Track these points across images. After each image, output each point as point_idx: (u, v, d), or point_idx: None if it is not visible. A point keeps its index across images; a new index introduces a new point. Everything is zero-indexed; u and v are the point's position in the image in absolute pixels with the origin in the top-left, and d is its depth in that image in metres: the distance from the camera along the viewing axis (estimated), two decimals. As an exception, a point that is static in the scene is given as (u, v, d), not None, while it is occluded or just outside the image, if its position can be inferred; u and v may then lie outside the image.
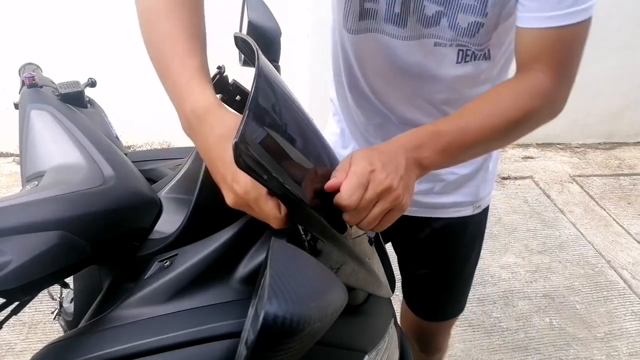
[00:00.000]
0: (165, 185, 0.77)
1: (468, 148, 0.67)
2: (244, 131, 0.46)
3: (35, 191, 0.58)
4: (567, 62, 0.70)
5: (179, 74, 0.58)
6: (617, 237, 2.45)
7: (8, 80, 1.47)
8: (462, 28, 0.75)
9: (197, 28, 0.63)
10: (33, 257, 0.50)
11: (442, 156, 0.64)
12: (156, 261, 0.62)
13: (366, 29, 0.81)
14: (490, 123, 0.67)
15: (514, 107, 0.68)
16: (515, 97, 0.69)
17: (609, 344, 1.87)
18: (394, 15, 0.77)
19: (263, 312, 0.37)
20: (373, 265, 0.70)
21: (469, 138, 0.65)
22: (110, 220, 0.60)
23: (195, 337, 0.54)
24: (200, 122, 0.56)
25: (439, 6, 0.74)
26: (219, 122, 0.55)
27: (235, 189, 0.53)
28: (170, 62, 0.60)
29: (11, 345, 1.69)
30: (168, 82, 0.60)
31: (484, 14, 0.73)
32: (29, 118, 0.75)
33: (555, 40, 0.68)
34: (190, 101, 0.56)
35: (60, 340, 0.58)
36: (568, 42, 0.69)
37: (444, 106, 0.88)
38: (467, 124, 0.66)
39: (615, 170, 3.06)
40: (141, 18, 0.64)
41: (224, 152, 0.53)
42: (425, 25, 0.77)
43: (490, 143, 0.69)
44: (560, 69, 0.70)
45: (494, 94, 0.70)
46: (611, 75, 3.05)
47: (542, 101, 0.69)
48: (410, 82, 0.85)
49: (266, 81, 0.54)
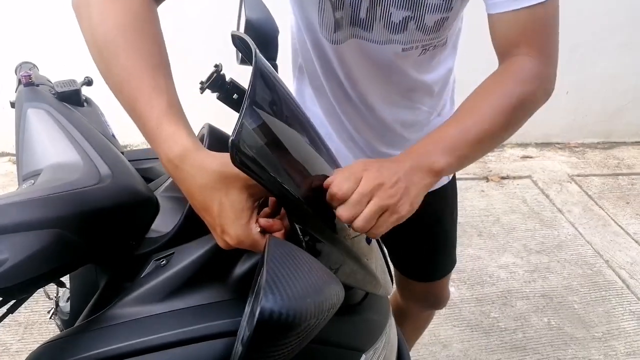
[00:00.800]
0: (161, 184, 0.77)
1: (475, 144, 0.66)
2: (241, 129, 0.46)
3: (32, 190, 0.58)
4: (546, 39, 0.70)
5: (148, 117, 0.55)
6: (615, 236, 2.46)
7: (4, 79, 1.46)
8: (429, 27, 0.77)
9: (159, 57, 0.59)
10: (29, 255, 0.50)
11: (452, 157, 0.63)
12: (152, 260, 0.62)
13: (345, 36, 0.81)
14: (489, 116, 0.67)
15: (508, 95, 0.68)
16: (506, 86, 0.69)
17: (606, 343, 1.87)
18: (360, 20, 0.78)
19: (259, 307, 0.37)
20: (371, 265, 0.70)
21: (472, 135, 0.65)
22: (106, 219, 0.60)
23: (192, 336, 0.54)
24: (180, 171, 0.53)
25: (406, 11, 0.75)
26: (198, 171, 0.52)
27: (227, 240, 0.53)
28: (136, 104, 0.56)
29: (7, 346, 1.69)
30: (137, 122, 0.56)
31: (450, 9, 0.75)
32: (25, 117, 0.75)
33: (530, 20, 0.68)
34: (164, 149, 0.54)
35: (56, 339, 0.57)
36: (542, 19, 0.69)
37: (409, 93, 0.91)
38: (467, 123, 0.66)
39: (614, 169, 3.07)
40: (97, 53, 0.60)
41: (209, 202, 0.52)
42: (393, 31, 0.78)
43: (496, 135, 0.69)
44: (542, 47, 0.70)
45: (485, 88, 0.71)
46: (609, 74, 3.05)
47: (534, 83, 0.69)
48: (386, 79, 0.88)
49: (263, 79, 0.54)
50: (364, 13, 0.76)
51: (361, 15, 0.77)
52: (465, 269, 2.19)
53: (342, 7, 0.77)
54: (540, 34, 0.70)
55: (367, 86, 0.90)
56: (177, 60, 2.39)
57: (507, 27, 0.70)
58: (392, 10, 0.75)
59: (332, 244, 0.60)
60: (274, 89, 0.56)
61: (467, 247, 2.32)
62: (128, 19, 0.59)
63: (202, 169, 0.52)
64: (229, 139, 0.46)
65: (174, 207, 0.70)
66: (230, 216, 0.52)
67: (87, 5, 0.61)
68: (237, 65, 0.78)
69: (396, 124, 0.97)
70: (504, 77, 0.71)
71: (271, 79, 0.57)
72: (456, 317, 1.95)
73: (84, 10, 0.61)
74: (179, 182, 0.54)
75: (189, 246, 0.61)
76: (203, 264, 0.58)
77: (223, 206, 0.52)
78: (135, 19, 0.59)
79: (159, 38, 0.61)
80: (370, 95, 0.92)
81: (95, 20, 0.60)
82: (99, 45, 0.59)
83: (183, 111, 0.57)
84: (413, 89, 0.92)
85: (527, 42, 0.70)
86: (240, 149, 0.46)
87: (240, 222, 0.52)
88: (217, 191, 0.52)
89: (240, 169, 0.47)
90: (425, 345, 1.82)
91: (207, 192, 0.52)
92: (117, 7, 0.59)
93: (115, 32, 0.58)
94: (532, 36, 0.70)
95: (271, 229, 0.54)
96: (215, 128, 0.76)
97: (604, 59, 2.96)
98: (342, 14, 0.78)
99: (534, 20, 0.69)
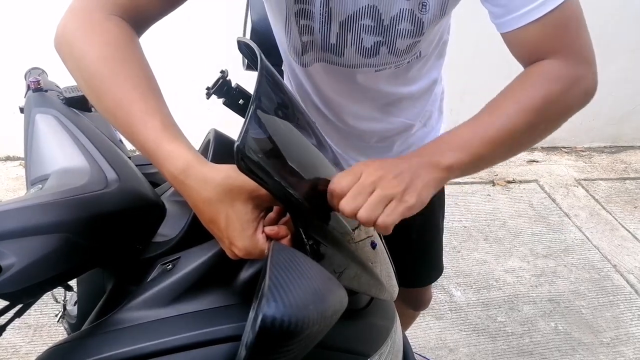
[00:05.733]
0: (168, 188, 0.77)
1: (492, 143, 0.63)
2: (246, 135, 0.47)
3: (39, 194, 0.59)
4: (571, 41, 0.66)
5: (146, 139, 0.55)
6: (623, 241, 2.44)
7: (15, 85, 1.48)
8: (401, 50, 0.76)
9: (146, 82, 0.60)
10: (36, 259, 0.50)
11: (463, 153, 0.61)
12: (159, 264, 0.63)
13: (311, 60, 0.81)
14: (509, 116, 0.64)
15: (532, 95, 0.64)
16: (530, 86, 0.65)
17: (615, 349, 1.86)
18: (330, 45, 0.77)
19: (261, 314, 0.37)
20: (376, 269, 0.70)
21: (489, 133, 0.63)
22: (113, 223, 0.60)
23: (197, 340, 0.54)
24: (184, 186, 0.54)
25: (377, 37, 0.74)
26: (203, 185, 0.52)
27: (235, 252, 0.54)
28: (132, 129, 0.56)
29: (16, 348, 1.70)
30: (137, 146, 0.57)
31: (421, 34, 0.73)
32: (33, 122, 0.76)
33: (547, 29, 0.64)
34: (167, 167, 0.54)
35: (63, 342, 0.58)
36: (562, 24, 0.64)
37: (386, 107, 0.91)
38: (484, 121, 0.64)
39: (621, 174, 3.05)
40: (85, 86, 0.60)
41: (216, 215, 0.53)
42: (365, 56, 0.77)
43: (517, 136, 0.65)
44: (568, 50, 0.66)
45: (509, 88, 0.67)
46: (617, 78, 3.03)
47: (562, 83, 0.65)
48: (360, 96, 0.87)
49: (269, 85, 0.54)
50: (334, 39, 0.76)
51: (331, 41, 0.76)
52: (471, 273, 2.18)
53: (311, 32, 0.76)
54: (561, 38, 0.65)
55: (341, 104, 0.90)
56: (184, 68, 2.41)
57: (525, 42, 0.67)
58: (364, 36, 0.74)
59: (337, 248, 0.60)
60: (279, 94, 0.57)
61: (473, 251, 2.31)
62: (109, 50, 0.59)
63: (206, 182, 0.52)
64: (234, 144, 0.46)
65: (180, 212, 0.70)
66: (237, 228, 0.52)
67: (68, 44, 0.62)
68: (243, 71, 0.79)
69: (373, 137, 0.96)
70: (528, 77, 0.67)
71: (276, 84, 0.57)
72: (462, 322, 1.94)
73: (66, 49, 0.62)
74: (185, 197, 0.55)
75: (195, 250, 0.62)
76: (209, 268, 0.59)
77: (229, 219, 0.52)
78: (116, 49, 0.60)
79: (143, 64, 0.61)
80: (344, 114, 0.91)
81: (77, 56, 0.60)
82: (85, 78, 0.60)
83: (179, 129, 0.57)
84: (390, 102, 0.90)
85: (550, 51, 0.66)
86: (245, 154, 0.46)
87: (247, 234, 0.52)
88: (223, 204, 0.52)
89: (245, 174, 0.48)
90: (432, 350, 1.81)
91: (212, 205, 0.52)
92: (96, 41, 0.60)
93: (98, 64, 0.59)
94: (555, 43, 0.65)
95: (277, 236, 0.55)
96: (221, 133, 0.76)
97: (612, 63, 2.94)
98: (310, 39, 0.77)
99: (553, 28, 0.64)
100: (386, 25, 0.72)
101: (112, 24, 0.62)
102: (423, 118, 0.99)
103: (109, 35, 0.60)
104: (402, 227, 1.03)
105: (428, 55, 0.84)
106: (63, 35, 0.62)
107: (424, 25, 0.72)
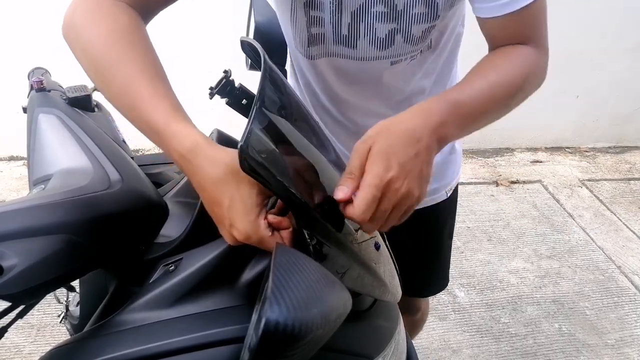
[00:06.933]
0: (171, 189, 0.77)
1: (479, 118, 0.65)
2: (250, 135, 0.46)
3: (42, 195, 0.58)
4: (537, 33, 0.71)
5: (155, 120, 0.55)
6: (627, 242, 2.43)
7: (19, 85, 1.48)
8: (417, 37, 0.75)
9: (154, 68, 0.60)
10: (38, 260, 0.50)
11: (461, 129, 0.62)
12: (161, 265, 0.62)
13: (318, 54, 0.80)
14: (498, 89, 0.65)
15: (516, 72, 0.68)
16: (513, 62, 0.69)
17: (619, 350, 1.85)
18: (342, 37, 0.75)
19: (264, 319, 0.37)
20: (379, 270, 0.70)
21: (481, 107, 0.64)
22: (116, 224, 0.60)
23: (200, 342, 0.54)
24: (191, 165, 0.53)
25: (391, 24, 0.72)
26: (210, 164, 0.52)
27: (235, 235, 0.53)
28: (140, 112, 0.56)
29: (19, 348, 1.70)
30: (143, 127, 0.57)
31: (436, 17, 0.73)
32: (36, 122, 0.76)
33: (520, 21, 0.69)
34: (174, 145, 0.54)
35: (66, 344, 0.58)
36: (532, 18, 0.69)
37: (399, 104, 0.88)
38: (479, 92, 0.64)
39: (626, 174, 3.03)
40: (93, 72, 0.60)
41: (220, 196, 0.52)
42: (379, 47, 0.75)
43: (496, 111, 0.67)
44: (534, 40, 0.71)
45: (491, 62, 0.70)
46: (621, 78, 3.02)
47: (534, 67, 0.70)
48: (368, 94, 0.85)
49: (272, 85, 0.54)
50: (346, 29, 0.74)
51: (343, 32, 0.75)
52: (475, 274, 2.17)
53: (321, 24, 0.75)
54: (531, 29, 0.70)
55: (349, 101, 0.88)
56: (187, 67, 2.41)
57: (498, 28, 0.71)
58: (377, 25, 0.73)
59: (340, 249, 0.60)
60: (282, 94, 0.56)
61: (476, 252, 2.30)
62: (117, 35, 0.60)
63: (215, 161, 0.52)
64: (238, 145, 0.46)
65: (183, 212, 0.70)
66: (240, 210, 0.52)
67: (75, 30, 0.62)
68: (246, 71, 0.79)
69: None
70: (509, 55, 0.70)
71: (280, 84, 0.57)
72: (466, 323, 1.93)
73: (73, 35, 0.62)
74: (191, 175, 0.55)
75: (198, 251, 0.61)
76: (211, 269, 0.58)
77: (233, 200, 0.52)
78: (123, 35, 0.60)
79: (150, 50, 0.61)
80: (353, 112, 0.89)
81: (84, 41, 0.61)
82: (92, 63, 0.60)
83: (187, 115, 0.58)
84: (403, 99, 0.88)
85: (519, 39, 0.71)
86: (249, 155, 0.46)
87: (249, 218, 0.52)
88: (229, 185, 0.52)
89: (248, 174, 0.48)
90: (435, 351, 1.80)
91: (218, 185, 0.52)
92: (103, 27, 0.60)
93: (106, 49, 0.59)
94: (525, 33, 0.70)
95: (280, 225, 0.54)
96: (224, 133, 0.76)
97: (615, 62, 2.93)
98: (321, 31, 0.76)
99: (524, 20, 0.69)
100: (400, 10, 0.71)
101: (119, 11, 0.62)
102: None
103: (116, 21, 0.61)
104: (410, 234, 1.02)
105: (441, 46, 0.83)
106: (71, 21, 0.63)
107: (439, 6, 0.71)
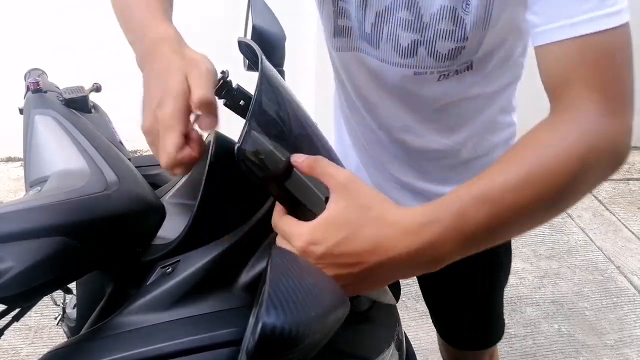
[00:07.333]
0: (168, 191, 0.76)
1: (501, 228, 0.49)
2: (247, 136, 0.46)
3: (38, 197, 0.58)
4: (611, 78, 0.52)
5: (146, 16, 0.59)
6: (627, 242, 2.43)
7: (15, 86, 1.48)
8: (443, 55, 0.68)
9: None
10: (34, 263, 0.50)
11: (465, 248, 0.48)
12: (158, 267, 0.62)
13: (345, 46, 0.78)
14: (528, 185, 0.48)
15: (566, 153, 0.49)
16: (563, 135, 0.50)
17: (619, 351, 1.85)
18: (366, 34, 0.74)
19: (261, 322, 0.36)
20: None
21: (503, 214, 0.48)
22: (113, 226, 0.59)
23: (197, 345, 0.54)
24: (161, 45, 0.53)
25: (414, 34, 0.68)
26: (179, 55, 0.52)
27: (157, 114, 0.47)
28: (134, 9, 0.61)
29: (17, 350, 1.69)
30: (133, 24, 0.60)
31: (464, 39, 0.65)
32: (32, 123, 0.75)
33: (587, 51, 0.51)
34: (154, 31, 0.56)
35: (62, 347, 0.57)
36: (604, 52, 0.51)
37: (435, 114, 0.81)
38: (498, 194, 0.47)
39: (625, 174, 3.03)
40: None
41: (172, 79, 0.48)
42: (403, 56, 0.71)
43: (529, 217, 0.50)
44: (604, 88, 0.51)
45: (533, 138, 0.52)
46: (620, 78, 3.02)
47: (596, 139, 0.50)
48: (396, 100, 0.81)
49: (270, 86, 0.54)
50: (369, 28, 0.73)
51: (367, 30, 0.73)
52: (474, 274, 2.17)
53: (348, 16, 0.74)
54: (601, 69, 0.51)
55: (379, 106, 0.83)
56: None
57: (557, 60, 0.53)
58: (400, 32, 0.69)
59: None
60: (280, 95, 0.56)
61: (476, 252, 2.30)
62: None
63: (183, 54, 0.52)
64: (235, 146, 0.46)
65: (180, 214, 0.69)
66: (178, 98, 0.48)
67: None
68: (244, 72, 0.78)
69: (420, 154, 0.86)
70: (555, 128, 0.52)
71: (277, 85, 0.57)
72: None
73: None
74: (154, 58, 0.53)
75: (195, 254, 0.61)
76: (209, 272, 0.58)
77: (181, 85, 0.48)
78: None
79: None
80: (384, 118, 0.84)
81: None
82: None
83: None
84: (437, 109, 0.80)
85: (583, 80, 0.52)
86: (246, 156, 0.46)
87: (178, 105, 0.47)
88: (182, 74, 0.49)
89: (246, 174, 0.47)
90: (434, 352, 1.80)
91: (176, 71, 0.49)
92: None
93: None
94: (591, 72, 0.51)
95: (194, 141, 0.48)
96: (222, 135, 0.76)
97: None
98: (348, 24, 0.75)
99: (593, 52, 0.51)
100: (425, 22, 0.66)
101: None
102: (474, 143, 0.86)
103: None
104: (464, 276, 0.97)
105: (489, 72, 0.74)
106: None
107: (467, 27, 0.64)
